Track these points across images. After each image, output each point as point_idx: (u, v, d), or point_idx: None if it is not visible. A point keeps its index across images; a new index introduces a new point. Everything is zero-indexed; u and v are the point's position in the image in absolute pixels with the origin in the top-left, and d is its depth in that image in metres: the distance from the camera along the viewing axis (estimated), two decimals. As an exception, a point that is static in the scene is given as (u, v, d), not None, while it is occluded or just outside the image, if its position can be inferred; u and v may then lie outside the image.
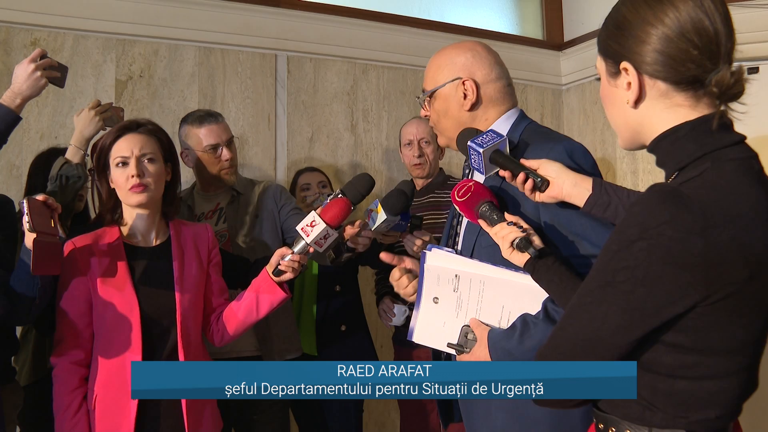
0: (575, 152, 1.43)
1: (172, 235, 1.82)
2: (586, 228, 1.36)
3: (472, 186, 1.40)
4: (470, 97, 1.53)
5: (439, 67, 1.58)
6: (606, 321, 0.93)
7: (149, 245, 1.80)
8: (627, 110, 1.02)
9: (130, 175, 1.71)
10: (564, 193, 1.33)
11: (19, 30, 2.67)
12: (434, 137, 2.70)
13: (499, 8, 3.93)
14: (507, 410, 1.44)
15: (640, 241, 0.88)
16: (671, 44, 0.94)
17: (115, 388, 1.65)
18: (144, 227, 1.79)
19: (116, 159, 1.73)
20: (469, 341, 1.44)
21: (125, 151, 1.73)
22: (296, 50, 3.19)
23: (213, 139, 2.24)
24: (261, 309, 1.78)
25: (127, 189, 1.72)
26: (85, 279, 1.70)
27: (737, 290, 0.88)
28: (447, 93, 1.56)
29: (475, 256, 1.50)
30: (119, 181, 1.73)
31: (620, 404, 0.99)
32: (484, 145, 1.40)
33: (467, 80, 1.53)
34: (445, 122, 1.58)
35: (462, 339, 1.45)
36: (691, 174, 0.93)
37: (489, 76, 1.55)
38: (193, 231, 1.88)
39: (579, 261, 1.33)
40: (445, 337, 1.48)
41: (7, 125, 1.84)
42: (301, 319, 2.56)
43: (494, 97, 1.55)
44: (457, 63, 1.55)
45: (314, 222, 1.64)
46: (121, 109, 2.18)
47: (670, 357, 0.93)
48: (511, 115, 1.57)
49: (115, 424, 1.65)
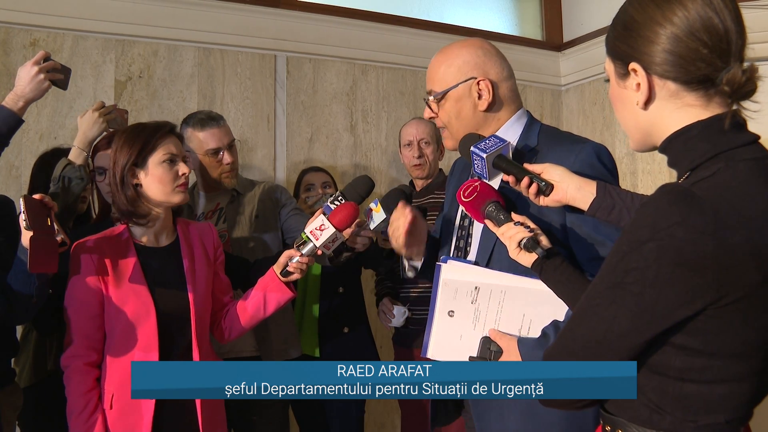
0: (602, 153, 1.42)
1: (180, 235, 1.83)
2: (612, 232, 1.35)
3: (478, 186, 1.40)
4: (486, 98, 1.49)
5: (448, 67, 1.51)
6: (615, 323, 0.92)
7: (159, 245, 1.80)
8: (637, 111, 1.00)
9: (180, 172, 1.74)
10: (568, 197, 1.32)
11: (19, 30, 2.67)
12: (434, 138, 2.71)
13: (499, 9, 3.93)
14: (521, 411, 1.42)
15: (650, 242, 0.87)
16: (680, 44, 0.93)
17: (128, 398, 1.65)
18: (159, 227, 1.79)
19: (164, 156, 1.72)
20: (493, 353, 1.40)
21: (173, 149, 1.75)
22: (295, 51, 3.19)
23: (215, 143, 2.23)
24: (269, 307, 1.80)
25: (175, 186, 1.73)
26: (96, 279, 1.69)
27: (749, 293, 0.87)
28: (460, 94, 1.50)
29: (493, 261, 1.47)
30: (166, 179, 1.72)
31: (627, 406, 0.98)
32: (488, 151, 1.38)
33: (483, 80, 1.48)
34: (458, 124, 1.53)
35: (484, 351, 1.41)
36: (704, 174, 0.91)
37: (502, 74, 1.51)
38: (198, 230, 1.89)
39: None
40: (463, 351, 1.44)
41: (10, 128, 1.84)
42: (304, 319, 2.55)
43: (507, 96, 1.52)
44: (469, 62, 1.50)
45: (323, 226, 1.65)
46: (126, 111, 2.17)
47: (679, 360, 0.92)
48: (521, 117, 1.54)
49: (132, 423, 1.64)
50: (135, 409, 1.65)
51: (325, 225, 1.64)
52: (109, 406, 1.66)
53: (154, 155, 1.72)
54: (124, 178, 1.70)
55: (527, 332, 1.42)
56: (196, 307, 1.75)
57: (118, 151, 1.72)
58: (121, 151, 1.72)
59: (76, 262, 1.69)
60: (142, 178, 1.72)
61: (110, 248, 1.72)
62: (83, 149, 2.02)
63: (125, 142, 1.72)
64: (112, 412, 1.65)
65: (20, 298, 1.64)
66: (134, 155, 1.71)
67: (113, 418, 1.65)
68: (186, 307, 1.74)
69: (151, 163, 1.72)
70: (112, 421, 1.65)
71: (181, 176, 1.74)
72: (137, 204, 1.72)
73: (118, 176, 1.71)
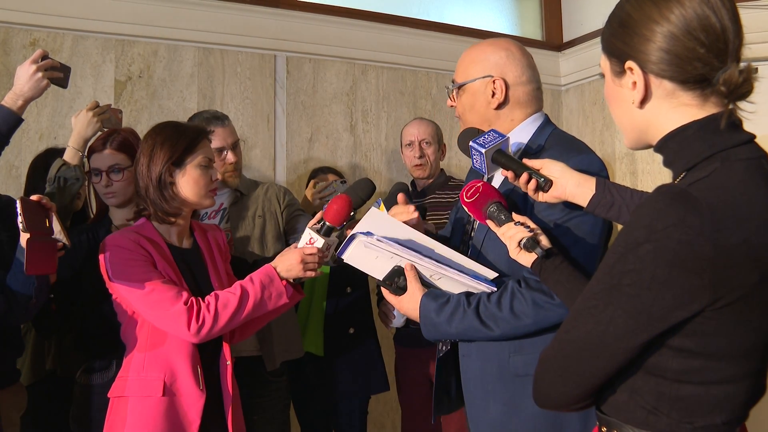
0: (592, 166, 1.43)
1: (197, 237, 1.84)
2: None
3: (481, 187, 1.40)
4: (498, 96, 1.55)
5: (472, 62, 1.59)
6: (611, 325, 0.91)
7: (183, 246, 1.80)
8: (632, 110, 1.00)
9: (214, 177, 1.76)
10: (567, 193, 1.32)
11: (18, 30, 2.67)
12: (435, 138, 2.72)
13: (499, 9, 3.93)
14: (504, 403, 1.45)
15: (646, 243, 0.86)
16: (677, 42, 0.92)
17: (184, 385, 1.64)
18: (183, 229, 1.80)
19: (202, 160, 1.74)
20: (396, 286, 1.46)
21: (210, 154, 1.77)
22: (295, 51, 3.19)
23: (218, 143, 2.24)
24: (275, 312, 1.79)
25: (209, 190, 1.76)
26: (146, 257, 1.67)
27: (746, 294, 0.86)
28: (476, 88, 1.57)
29: (482, 251, 1.52)
30: (201, 182, 1.74)
31: (623, 408, 0.98)
32: (486, 146, 1.40)
33: (498, 79, 1.54)
34: (471, 116, 1.59)
35: (391, 280, 1.46)
36: (700, 174, 0.90)
37: (520, 78, 1.56)
38: (211, 233, 1.90)
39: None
40: (375, 268, 1.48)
41: (9, 127, 1.84)
42: (310, 318, 2.55)
43: (522, 99, 1.57)
44: (491, 60, 1.56)
45: (312, 240, 1.67)
46: (120, 110, 2.17)
47: (676, 361, 0.91)
48: (537, 119, 1.58)
49: (184, 412, 1.63)
50: (186, 398, 1.63)
51: (314, 238, 1.66)
52: (162, 393, 1.61)
53: (193, 157, 1.73)
54: (162, 176, 1.70)
55: (438, 282, 1.46)
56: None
57: (156, 148, 1.71)
58: (161, 148, 1.71)
59: (122, 248, 1.65)
60: (178, 178, 1.73)
61: (146, 242, 1.70)
62: (78, 149, 2.02)
63: (166, 140, 1.72)
64: (164, 399, 1.61)
65: (19, 299, 1.64)
66: (176, 155, 1.71)
67: (166, 405, 1.61)
68: None
69: (189, 164, 1.73)
70: (165, 408, 1.61)
71: (213, 181, 1.77)
72: (171, 202, 1.72)
73: (155, 173, 1.70)
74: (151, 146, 1.72)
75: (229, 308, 1.64)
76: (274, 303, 1.70)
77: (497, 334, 1.41)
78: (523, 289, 1.40)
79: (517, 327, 1.40)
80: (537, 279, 1.38)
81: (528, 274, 1.41)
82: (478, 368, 1.50)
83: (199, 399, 1.63)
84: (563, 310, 1.36)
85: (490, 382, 1.48)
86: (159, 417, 1.59)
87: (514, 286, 1.42)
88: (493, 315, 1.41)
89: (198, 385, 1.64)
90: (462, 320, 1.42)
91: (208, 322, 1.61)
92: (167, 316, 1.60)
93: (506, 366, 1.45)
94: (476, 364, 1.51)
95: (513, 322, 1.39)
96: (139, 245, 1.67)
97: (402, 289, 1.46)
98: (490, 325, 1.41)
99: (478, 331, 1.42)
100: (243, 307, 1.65)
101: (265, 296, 1.68)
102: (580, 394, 0.98)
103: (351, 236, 1.45)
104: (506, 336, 1.42)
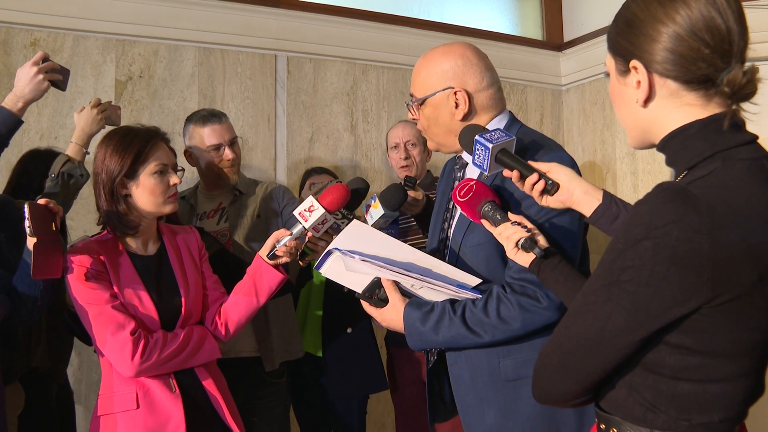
0: (564, 164, 1.39)
1: (166, 241, 1.80)
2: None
3: (474, 185, 1.39)
4: (462, 108, 1.51)
5: (429, 74, 1.53)
6: (610, 321, 0.92)
7: (147, 253, 1.76)
8: (636, 109, 1.00)
9: (171, 183, 1.71)
10: (573, 200, 1.31)
11: (19, 30, 2.67)
12: (420, 140, 2.73)
13: (499, 8, 3.93)
14: (499, 408, 1.45)
15: (646, 240, 0.86)
16: (682, 43, 0.92)
17: (158, 393, 1.63)
18: (148, 235, 1.76)
19: (156, 167, 1.69)
20: (379, 294, 1.46)
21: (165, 159, 1.72)
22: (296, 51, 3.19)
23: (216, 139, 2.24)
24: (261, 294, 1.76)
25: (167, 197, 1.71)
26: (103, 278, 1.65)
27: (745, 292, 0.87)
28: (438, 102, 1.53)
29: (461, 255, 1.50)
30: (158, 190, 1.69)
31: (622, 405, 0.98)
32: (494, 141, 1.35)
33: (459, 90, 1.50)
34: (435, 129, 1.56)
35: (371, 288, 1.46)
36: (701, 173, 0.91)
37: (481, 84, 1.52)
38: (181, 235, 1.86)
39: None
40: (353, 281, 1.48)
41: (9, 128, 1.85)
42: (307, 318, 2.55)
43: (486, 104, 1.53)
44: (448, 70, 1.51)
45: (312, 207, 1.63)
46: (119, 107, 2.19)
47: (674, 359, 0.92)
48: (502, 119, 1.55)
49: (163, 421, 1.62)
50: (164, 406, 1.61)
51: (315, 206, 1.62)
52: (136, 405, 1.60)
53: (145, 166, 1.68)
54: (114, 191, 1.66)
55: (418, 291, 1.46)
56: (187, 312, 1.72)
57: (106, 160, 1.67)
58: (110, 160, 1.66)
59: (77, 264, 1.62)
60: (132, 190, 1.68)
61: (105, 254, 1.67)
62: (82, 146, 2.03)
63: (114, 151, 1.66)
64: (140, 411, 1.60)
65: (25, 300, 1.64)
66: (126, 167, 1.66)
67: (142, 416, 1.60)
68: (180, 312, 1.71)
69: (142, 174, 1.68)
70: (143, 419, 1.60)
71: (172, 186, 1.71)
72: (128, 216, 1.68)
73: (107, 188, 1.66)
74: (102, 159, 1.68)
75: (170, 348, 1.62)
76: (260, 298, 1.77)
77: (486, 341, 1.41)
78: (509, 293, 1.40)
79: (505, 332, 1.40)
80: (521, 283, 1.39)
81: (511, 279, 1.41)
82: (468, 376, 1.49)
83: (176, 403, 1.62)
84: (550, 313, 1.37)
85: (483, 389, 1.47)
86: (143, 428, 1.59)
87: (500, 291, 1.41)
88: (481, 321, 1.40)
89: (170, 390, 1.62)
90: (449, 328, 1.41)
91: (153, 357, 1.59)
92: (111, 341, 1.58)
93: (497, 371, 1.45)
94: (466, 373, 1.50)
95: (501, 327, 1.39)
96: (99, 260, 1.64)
97: (383, 301, 1.45)
98: (478, 332, 1.40)
99: (465, 338, 1.41)
100: (183, 350, 1.65)
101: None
102: (578, 390, 0.99)
103: (328, 251, 1.45)
104: (495, 342, 1.42)
